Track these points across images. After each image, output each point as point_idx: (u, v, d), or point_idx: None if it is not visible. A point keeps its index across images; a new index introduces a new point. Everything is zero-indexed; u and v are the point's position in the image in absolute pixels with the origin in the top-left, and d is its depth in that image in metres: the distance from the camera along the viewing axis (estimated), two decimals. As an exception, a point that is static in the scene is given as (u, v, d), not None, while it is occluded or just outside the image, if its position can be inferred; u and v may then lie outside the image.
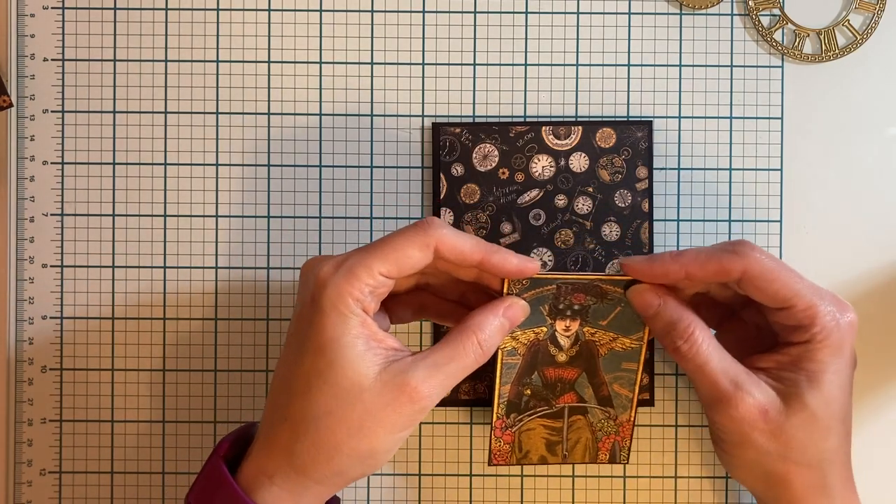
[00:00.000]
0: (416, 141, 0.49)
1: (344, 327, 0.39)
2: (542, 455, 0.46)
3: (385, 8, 0.49)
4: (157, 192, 0.49)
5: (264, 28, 0.49)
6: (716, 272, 0.41)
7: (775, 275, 0.41)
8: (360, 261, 0.39)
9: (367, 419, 0.39)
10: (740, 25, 0.49)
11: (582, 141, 0.48)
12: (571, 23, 0.49)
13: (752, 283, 0.41)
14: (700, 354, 0.41)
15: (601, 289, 0.43)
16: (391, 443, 0.40)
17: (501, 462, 0.46)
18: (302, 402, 0.40)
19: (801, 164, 0.49)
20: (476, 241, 0.41)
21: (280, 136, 0.49)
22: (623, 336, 0.44)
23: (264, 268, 0.49)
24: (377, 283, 0.39)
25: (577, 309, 0.44)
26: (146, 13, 0.49)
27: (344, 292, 0.39)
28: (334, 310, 0.39)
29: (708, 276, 0.41)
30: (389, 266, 0.39)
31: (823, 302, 0.41)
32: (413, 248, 0.40)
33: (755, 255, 0.41)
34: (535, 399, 0.45)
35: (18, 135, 0.49)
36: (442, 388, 0.40)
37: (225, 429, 0.49)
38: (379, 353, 0.39)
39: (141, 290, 0.49)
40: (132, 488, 0.49)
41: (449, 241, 0.40)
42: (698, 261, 0.41)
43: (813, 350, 0.41)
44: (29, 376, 0.49)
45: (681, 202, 0.49)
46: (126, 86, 0.49)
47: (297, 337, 0.41)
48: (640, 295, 0.43)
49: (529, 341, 0.44)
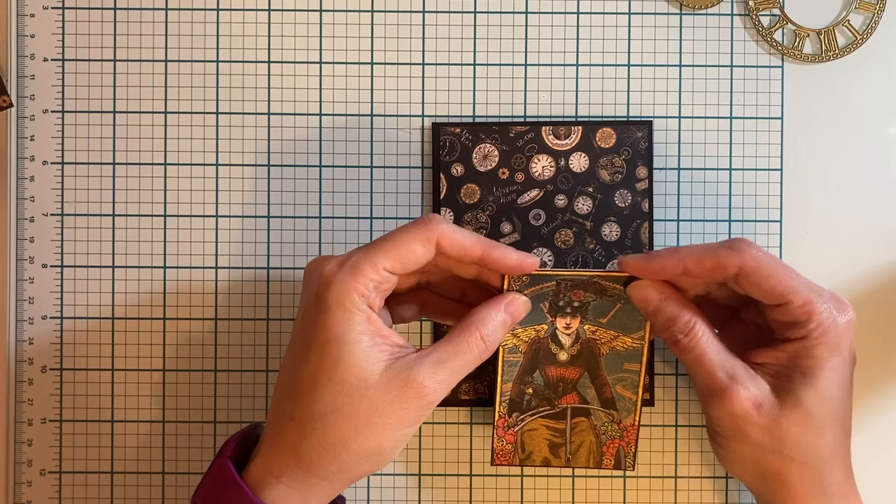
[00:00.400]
0: (416, 141, 0.49)
1: (349, 323, 0.39)
2: (546, 457, 0.46)
3: (385, 8, 0.49)
4: (157, 192, 0.49)
5: (264, 28, 0.49)
6: (712, 267, 0.41)
7: (771, 271, 0.41)
8: (364, 257, 0.40)
9: (374, 415, 0.39)
10: (740, 25, 0.49)
11: (582, 141, 0.48)
12: (571, 23, 0.49)
13: (748, 279, 0.41)
14: (699, 347, 0.42)
15: (600, 285, 0.43)
16: (397, 439, 0.40)
17: (504, 462, 0.46)
18: (308, 401, 0.40)
19: (801, 164, 0.49)
20: (477, 237, 0.41)
21: (280, 136, 0.49)
22: (624, 335, 0.44)
23: (264, 268, 0.49)
24: (381, 278, 0.40)
25: (577, 306, 0.44)
26: (146, 13, 0.49)
27: (349, 288, 0.39)
28: (339, 306, 0.39)
29: (705, 272, 0.41)
30: (393, 262, 0.40)
31: (820, 299, 0.41)
32: (415, 243, 0.40)
33: (751, 252, 0.41)
34: (537, 398, 0.45)
35: (18, 135, 0.49)
36: (447, 383, 0.40)
37: (225, 429, 0.49)
38: (384, 350, 0.40)
39: (141, 290, 0.49)
40: (132, 488, 0.49)
41: (450, 236, 0.40)
42: (695, 256, 0.41)
43: (809, 347, 0.41)
44: (29, 376, 0.49)
45: (681, 202, 0.49)
46: (126, 86, 0.49)
47: (301, 336, 0.41)
48: (640, 291, 0.43)
49: (531, 339, 0.44)
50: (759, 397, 0.41)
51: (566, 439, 0.46)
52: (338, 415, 0.39)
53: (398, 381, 0.39)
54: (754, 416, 0.41)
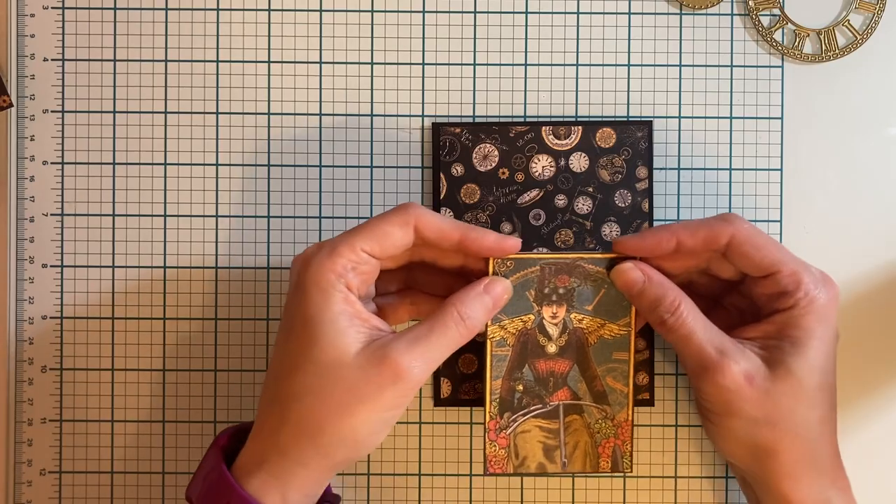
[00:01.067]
0: (416, 141, 0.49)
1: (325, 303, 0.39)
2: (541, 462, 0.45)
3: (385, 8, 0.49)
4: (157, 192, 0.49)
5: (264, 28, 0.49)
6: (705, 238, 0.42)
7: (762, 242, 0.42)
8: (343, 239, 0.40)
9: (349, 397, 0.39)
10: (740, 25, 0.49)
11: (582, 141, 0.48)
12: (571, 23, 0.49)
13: (739, 248, 0.42)
14: (686, 325, 0.42)
15: (584, 269, 0.43)
16: (375, 423, 0.40)
17: (498, 471, 0.45)
18: (287, 383, 0.40)
19: (801, 164, 0.49)
20: (455, 221, 0.42)
21: (280, 136, 0.49)
22: (610, 322, 0.44)
23: (264, 268, 0.49)
24: (360, 259, 0.40)
25: (562, 293, 0.44)
26: (146, 13, 0.49)
27: (325, 268, 0.40)
28: (315, 286, 0.40)
29: (698, 244, 0.42)
30: (371, 243, 0.40)
31: (807, 270, 0.42)
32: (393, 226, 0.41)
33: (743, 224, 0.42)
34: (528, 396, 0.45)
35: (18, 135, 0.49)
36: (423, 361, 0.39)
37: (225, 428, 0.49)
38: (362, 331, 0.40)
39: (141, 290, 0.49)
40: (132, 488, 0.49)
41: (427, 218, 0.41)
42: (689, 229, 0.42)
43: (797, 316, 0.41)
44: (29, 376, 0.49)
45: (681, 202, 0.49)
46: (126, 86, 0.49)
47: (284, 321, 0.41)
48: (623, 274, 0.43)
49: (518, 331, 0.44)
50: (749, 370, 0.41)
51: (560, 441, 0.45)
52: (313, 396, 0.39)
53: (373, 360, 0.39)
54: (746, 390, 0.41)
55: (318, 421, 0.39)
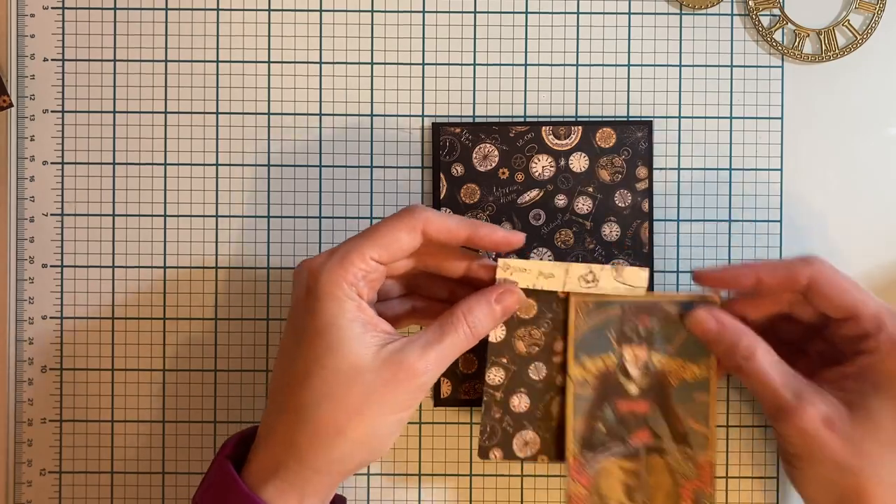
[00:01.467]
0: (416, 141, 0.49)
1: (340, 311, 0.40)
2: (622, 502, 0.45)
3: (385, 8, 0.49)
4: (157, 192, 0.49)
5: (264, 28, 0.49)
6: (785, 277, 0.42)
7: (842, 282, 0.42)
8: (353, 247, 0.41)
9: (367, 400, 0.39)
10: (740, 25, 0.49)
11: (582, 141, 0.48)
12: (571, 23, 0.49)
13: (819, 290, 0.42)
14: (762, 370, 0.42)
15: (664, 310, 0.44)
16: (391, 424, 0.40)
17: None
18: (301, 390, 0.40)
19: (801, 164, 0.49)
20: (461, 218, 0.42)
21: (280, 136, 0.49)
22: (691, 363, 0.44)
23: (264, 268, 0.49)
24: (370, 267, 0.41)
25: (643, 334, 0.44)
26: (146, 13, 0.49)
27: (338, 277, 0.40)
28: (330, 295, 0.40)
29: (777, 283, 0.42)
30: (380, 251, 0.41)
31: (889, 311, 0.42)
32: (401, 231, 0.41)
33: (824, 264, 0.42)
34: (609, 436, 0.45)
35: (18, 135, 0.49)
36: (436, 364, 0.41)
37: (225, 429, 0.49)
38: (376, 336, 0.40)
39: (141, 290, 0.49)
40: (132, 488, 0.49)
41: (436, 220, 0.41)
42: (769, 266, 0.42)
43: (879, 360, 0.41)
44: (29, 376, 0.49)
45: (681, 202, 0.49)
46: (126, 86, 0.49)
47: (293, 330, 0.41)
48: (697, 322, 0.43)
49: (599, 371, 0.44)
50: (828, 413, 0.41)
51: (641, 481, 0.45)
52: (331, 401, 0.39)
53: (390, 364, 0.40)
54: (826, 433, 0.40)
55: (336, 426, 0.39)
